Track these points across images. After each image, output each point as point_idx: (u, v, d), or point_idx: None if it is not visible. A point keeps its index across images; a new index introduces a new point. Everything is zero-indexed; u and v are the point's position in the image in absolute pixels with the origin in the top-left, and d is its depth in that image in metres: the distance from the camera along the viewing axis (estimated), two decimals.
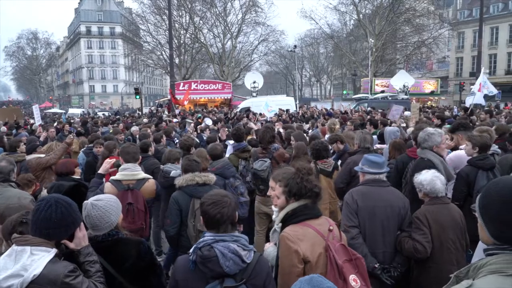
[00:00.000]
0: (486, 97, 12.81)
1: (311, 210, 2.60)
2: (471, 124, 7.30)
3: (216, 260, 2.16)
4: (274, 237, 2.98)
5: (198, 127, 10.25)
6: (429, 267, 3.41)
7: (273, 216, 3.02)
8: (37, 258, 2.08)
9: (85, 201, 2.59)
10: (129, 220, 4.06)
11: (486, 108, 12.73)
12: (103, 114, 36.11)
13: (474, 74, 19.99)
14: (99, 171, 4.22)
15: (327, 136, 7.42)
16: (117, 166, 4.37)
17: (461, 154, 4.91)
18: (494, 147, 5.09)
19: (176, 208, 3.98)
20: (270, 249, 2.90)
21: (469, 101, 11.91)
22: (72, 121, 18.83)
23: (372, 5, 43.94)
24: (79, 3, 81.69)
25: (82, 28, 77.96)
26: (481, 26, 24.34)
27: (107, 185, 4.08)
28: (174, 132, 10.28)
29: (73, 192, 4.16)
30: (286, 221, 2.60)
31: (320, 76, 74.20)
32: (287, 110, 18.52)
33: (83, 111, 44.87)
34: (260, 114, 15.66)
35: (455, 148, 5.61)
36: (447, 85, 51.43)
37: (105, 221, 2.54)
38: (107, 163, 4.23)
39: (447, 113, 15.53)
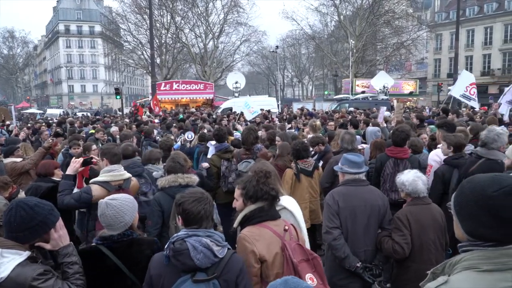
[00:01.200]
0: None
1: (267, 212, 2.67)
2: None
3: (187, 253, 2.18)
4: None
5: (182, 139, 10.04)
6: (408, 267, 3.46)
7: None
8: (6, 261, 2.05)
9: (100, 200, 2.63)
10: None
11: (455, 109, 13.00)
12: (82, 114, 35.48)
13: (452, 75, 20.49)
14: (68, 172, 4.03)
15: (309, 136, 7.49)
16: (87, 164, 4.26)
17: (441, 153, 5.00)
18: (471, 147, 5.23)
19: (158, 210, 3.98)
20: None
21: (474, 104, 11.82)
22: (51, 121, 18.47)
23: (353, 7, 44.46)
24: (57, 1, 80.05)
25: (61, 27, 76.42)
26: (458, 28, 24.93)
27: (96, 188, 3.95)
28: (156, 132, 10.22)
29: (51, 193, 4.09)
30: (244, 223, 2.67)
31: (302, 76, 74.60)
32: (269, 111, 18.58)
33: (62, 111, 43.97)
34: (242, 113, 15.68)
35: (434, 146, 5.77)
36: (426, 86, 52.45)
37: (119, 220, 2.57)
38: (76, 162, 4.07)
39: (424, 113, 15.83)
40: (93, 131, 10.88)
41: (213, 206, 2.40)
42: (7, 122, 16.43)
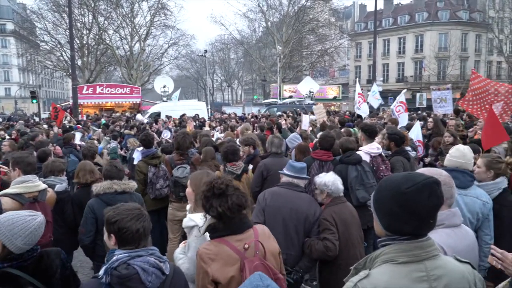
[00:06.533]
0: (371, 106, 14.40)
1: (228, 227, 2.42)
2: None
3: (137, 277, 2.02)
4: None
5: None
6: (339, 264, 3.56)
7: (184, 220, 2.95)
8: None
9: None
10: None
11: (375, 113, 14.20)
12: None
13: (371, 82, 21.92)
14: None
15: (238, 139, 7.53)
16: None
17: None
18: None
19: (92, 217, 3.90)
20: (176, 253, 2.90)
21: (362, 112, 13.00)
22: None
23: (279, 14, 45.84)
24: None
25: None
26: (375, 38, 26.63)
27: (6, 200, 3.58)
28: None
29: None
30: (209, 232, 2.50)
31: (231, 81, 75.15)
32: (197, 115, 18.49)
33: None
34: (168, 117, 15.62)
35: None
36: (348, 91, 55.47)
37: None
38: None
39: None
40: None
41: (150, 223, 2.23)
42: None
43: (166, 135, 10.27)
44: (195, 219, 2.80)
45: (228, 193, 2.39)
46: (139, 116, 16.69)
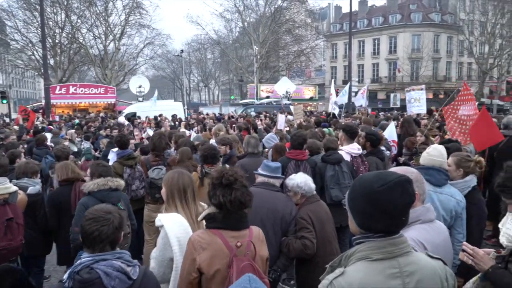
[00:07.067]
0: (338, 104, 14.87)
1: (227, 220, 2.42)
2: None
3: (99, 281, 1.97)
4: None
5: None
6: (317, 262, 3.56)
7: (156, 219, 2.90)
8: None
9: None
10: (9, 237, 3.70)
11: (350, 112, 14.54)
12: None
13: (347, 82, 22.28)
14: None
15: (212, 140, 7.50)
16: None
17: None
18: None
19: None
20: (152, 254, 2.85)
21: (334, 110, 13.33)
22: None
23: (256, 14, 45.93)
24: None
25: None
26: (350, 39, 27.01)
27: None
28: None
29: None
30: (206, 221, 2.50)
31: (208, 81, 74.77)
32: (175, 115, 18.35)
33: None
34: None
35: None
36: (324, 92, 56.07)
37: None
38: None
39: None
40: None
41: (116, 229, 2.13)
42: None
43: (147, 134, 10.08)
44: (163, 219, 2.79)
45: (235, 187, 2.40)
46: (121, 119, 16.35)
